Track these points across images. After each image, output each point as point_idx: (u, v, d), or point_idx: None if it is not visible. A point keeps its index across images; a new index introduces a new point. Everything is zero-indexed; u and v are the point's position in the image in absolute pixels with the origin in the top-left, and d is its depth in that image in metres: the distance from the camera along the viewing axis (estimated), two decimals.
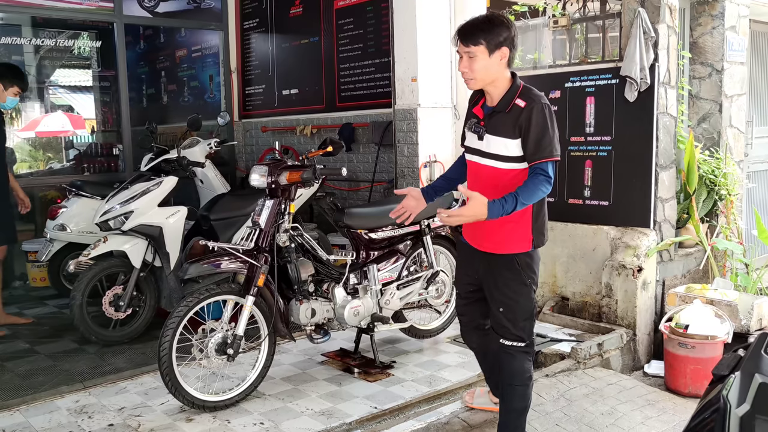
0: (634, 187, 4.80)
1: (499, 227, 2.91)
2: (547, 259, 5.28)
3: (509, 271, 2.97)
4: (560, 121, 5.10)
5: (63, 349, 4.62)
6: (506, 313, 3.01)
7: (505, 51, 2.83)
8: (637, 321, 4.69)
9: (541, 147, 2.80)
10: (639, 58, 4.58)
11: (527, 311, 3.02)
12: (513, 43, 2.85)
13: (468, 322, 3.35)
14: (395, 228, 4.20)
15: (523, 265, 2.97)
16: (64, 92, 10.80)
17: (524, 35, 5.70)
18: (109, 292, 4.62)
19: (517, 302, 3.00)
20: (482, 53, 2.82)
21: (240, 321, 3.55)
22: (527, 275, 2.99)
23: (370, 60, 6.40)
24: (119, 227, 4.59)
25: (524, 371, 3.06)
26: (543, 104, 2.84)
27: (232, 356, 3.54)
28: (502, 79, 2.89)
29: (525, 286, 2.99)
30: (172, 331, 3.40)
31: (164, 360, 3.40)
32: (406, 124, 5.39)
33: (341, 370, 4.18)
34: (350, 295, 4.01)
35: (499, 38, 2.81)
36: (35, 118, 9.85)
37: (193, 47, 8.65)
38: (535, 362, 4.46)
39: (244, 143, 8.07)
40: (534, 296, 3.05)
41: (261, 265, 3.58)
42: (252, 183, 3.76)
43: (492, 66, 2.84)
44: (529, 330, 3.04)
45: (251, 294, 3.56)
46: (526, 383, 3.07)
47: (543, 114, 2.82)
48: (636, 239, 4.78)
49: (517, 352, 3.04)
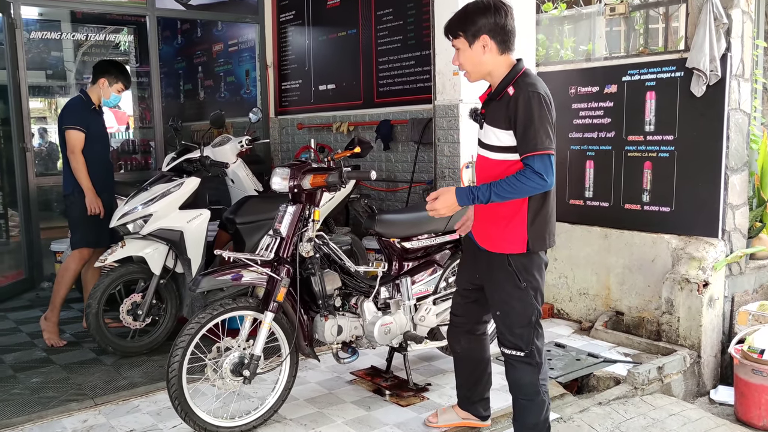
0: (700, 192, 4.32)
1: (494, 224, 2.83)
2: (601, 269, 4.83)
3: (503, 272, 2.84)
4: (616, 118, 4.70)
5: (79, 360, 4.37)
6: (502, 318, 2.90)
7: (485, 39, 2.70)
8: (702, 341, 4.20)
9: (526, 139, 2.65)
10: (708, 48, 4.10)
11: (524, 317, 2.85)
12: (495, 28, 2.69)
13: (460, 323, 3.19)
14: (432, 236, 3.81)
15: (518, 267, 2.81)
16: None
17: (576, 24, 5.24)
18: (128, 300, 4.34)
19: (512, 307, 2.86)
20: (463, 45, 2.75)
21: (258, 339, 3.22)
22: (523, 278, 2.81)
23: (410, 53, 6.02)
24: (138, 231, 4.31)
25: (528, 384, 2.90)
26: (530, 93, 2.65)
27: (248, 378, 3.21)
28: (498, 67, 2.75)
29: (519, 289, 2.82)
30: (182, 350, 3.10)
31: (173, 382, 3.10)
32: (446, 121, 5.00)
33: (371, 391, 3.81)
34: (381, 310, 3.64)
35: (475, 27, 2.70)
36: None
37: (230, 41, 8.43)
38: (587, 386, 4.07)
39: (280, 141, 7.79)
40: (534, 302, 2.84)
41: (281, 277, 3.24)
42: (273, 187, 3.41)
43: (476, 56, 2.74)
44: (528, 338, 2.86)
45: (270, 309, 3.23)
46: (532, 398, 2.91)
47: (529, 103, 2.64)
48: (702, 250, 4.29)
49: (516, 362, 2.90)
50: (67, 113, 4.64)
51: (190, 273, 4.43)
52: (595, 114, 4.86)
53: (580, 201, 4.97)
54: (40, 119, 9.07)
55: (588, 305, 4.96)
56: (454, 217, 3.83)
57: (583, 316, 4.99)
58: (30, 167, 6.25)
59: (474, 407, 3.31)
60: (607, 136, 4.79)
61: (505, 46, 2.73)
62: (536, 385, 2.89)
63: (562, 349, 4.41)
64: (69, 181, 4.65)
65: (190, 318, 3.20)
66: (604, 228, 4.83)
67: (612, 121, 4.76)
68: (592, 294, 4.93)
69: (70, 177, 4.63)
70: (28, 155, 6.22)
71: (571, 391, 3.96)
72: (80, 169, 4.54)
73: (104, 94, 4.73)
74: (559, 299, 5.14)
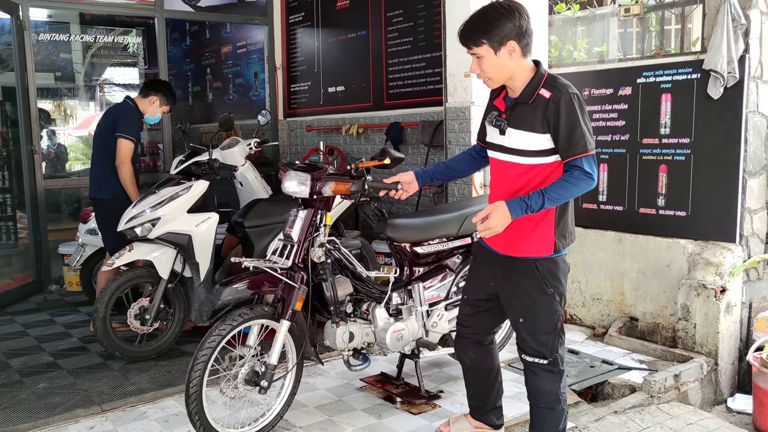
0: (717, 196, 4.24)
1: (519, 228, 2.71)
2: (614, 274, 4.75)
3: (529, 278, 2.75)
4: (631, 121, 4.62)
5: (86, 365, 4.32)
6: (526, 325, 2.80)
7: (512, 45, 2.59)
8: (719, 348, 4.12)
9: (572, 142, 2.56)
10: (726, 50, 4.02)
11: (550, 324, 2.77)
12: (521, 32, 2.59)
13: (469, 335, 3.09)
14: (443, 241, 3.74)
15: (545, 272, 2.74)
16: (114, 90, 10.68)
17: (590, 26, 5.17)
18: (135, 305, 4.29)
19: (537, 312, 2.76)
20: (487, 52, 2.61)
21: (273, 348, 3.11)
22: (550, 283, 2.74)
23: (420, 54, 5.96)
24: (146, 235, 4.26)
25: (549, 392, 2.82)
26: (571, 94, 2.57)
27: (265, 388, 3.12)
28: (521, 70, 2.65)
29: (546, 295, 2.75)
30: (204, 364, 2.97)
31: (194, 398, 2.97)
32: (458, 123, 4.93)
33: (382, 398, 3.75)
34: (393, 316, 3.57)
35: (501, 33, 2.58)
36: (89, 117, 9.77)
37: (238, 43, 8.40)
38: (601, 393, 3.99)
39: (289, 143, 7.74)
40: (559, 308, 2.77)
41: (299, 285, 3.16)
42: (287, 191, 3.28)
43: (501, 63, 2.62)
44: (552, 345, 2.78)
45: (287, 318, 3.13)
46: (552, 406, 2.83)
47: (572, 105, 2.55)
48: (719, 255, 4.21)
49: (539, 369, 2.82)
50: (125, 121, 4.70)
51: (199, 277, 4.38)
52: (609, 116, 4.78)
53: (594, 205, 4.89)
54: (48, 121, 9.04)
55: (601, 311, 4.88)
56: (466, 222, 3.77)
57: (596, 322, 4.90)
58: (38, 169, 6.22)
59: (487, 416, 3.23)
60: (622, 138, 4.72)
61: (528, 50, 2.65)
62: (557, 394, 2.82)
63: (575, 356, 4.33)
64: (107, 186, 4.68)
65: (211, 330, 3.06)
66: (618, 232, 4.75)
67: (626, 124, 4.68)
68: (605, 299, 4.85)
69: (109, 182, 4.67)
70: (36, 157, 6.20)
71: (585, 399, 3.88)
72: (130, 179, 4.63)
73: (151, 112, 4.84)
74: (572, 304, 5.06)
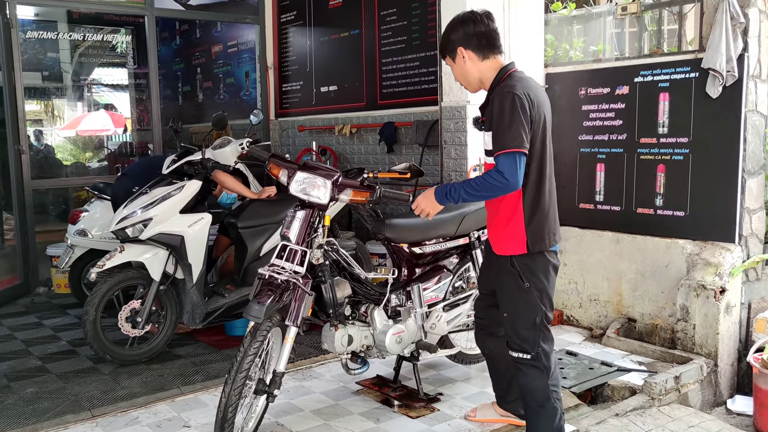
0: (716, 196, 4.20)
1: (497, 225, 2.86)
2: (612, 275, 4.71)
3: (507, 274, 2.85)
4: (628, 120, 4.58)
5: (76, 368, 4.22)
6: (509, 319, 2.90)
7: (461, 51, 2.80)
8: (719, 349, 4.08)
9: (496, 139, 2.67)
10: (725, 48, 3.99)
11: (529, 320, 2.84)
12: (466, 37, 2.78)
13: (484, 326, 3.23)
14: (440, 241, 3.68)
15: (521, 268, 2.81)
16: (102, 90, 10.60)
17: (587, 25, 5.12)
18: (126, 307, 4.20)
19: (515, 308, 2.86)
20: (450, 63, 2.89)
21: (282, 355, 2.98)
22: (526, 278, 2.81)
23: (414, 54, 5.90)
24: (137, 236, 4.17)
25: (537, 388, 2.86)
26: (504, 93, 2.66)
27: (275, 396, 3.01)
28: (485, 72, 2.82)
29: (523, 291, 2.82)
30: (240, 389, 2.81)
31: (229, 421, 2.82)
32: (453, 123, 4.87)
33: (379, 401, 3.68)
34: (391, 318, 3.50)
35: (450, 43, 2.83)
36: (77, 117, 9.68)
37: (229, 42, 8.31)
38: (600, 396, 3.94)
39: (281, 143, 7.65)
40: (538, 303, 2.83)
41: (308, 291, 3.03)
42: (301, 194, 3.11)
43: (460, 68, 2.85)
44: (533, 341, 2.85)
45: (296, 324, 2.98)
46: (542, 404, 2.87)
47: (503, 103, 2.65)
48: (718, 255, 4.17)
49: (524, 365, 2.88)
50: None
51: (191, 279, 4.30)
52: (606, 116, 4.74)
53: (591, 205, 4.84)
54: (35, 121, 8.93)
55: (599, 312, 4.84)
56: (464, 222, 3.71)
57: (593, 323, 4.86)
58: (25, 169, 6.11)
59: (511, 406, 3.30)
60: (619, 138, 4.67)
61: (482, 52, 2.79)
62: (546, 390, 2.85)
63: (574, 358, 4.28)
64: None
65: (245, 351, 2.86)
66: (615, 233, 4.70)
67: (624, 123, 4.64)
68: (603, 300, 4.80)
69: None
70: (24, 157, 6.09)
71: (585, 402, 3.83)
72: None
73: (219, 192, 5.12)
74: (569, 305, 5.01)
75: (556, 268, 2.90)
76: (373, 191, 3.16)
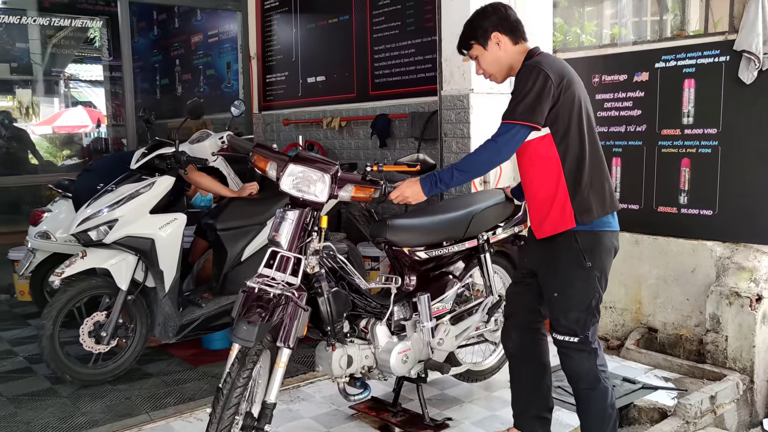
0: (750, 193, 3.80)
1: (541, 209, 2.71)
2: (630, 280, 4.29)
3: (566, 251, 2.67)
4: (649, 110, 4.18)
5: (31, 390, 3.73)
6: (559, 300, 2.71)
7: (496, 35, 2.73)
8: (755, 364, 3.67)
9: (507, 107, 2.62)
10: (762, 28, 3.60)
11: (583, 301, 2.67)
12: (501, 22, 2.73)
13: (513, 313, 2.97)
14: (445, 245, 3.22)
15: (584, 245, 2.64)
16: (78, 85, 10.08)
17: (599, 6, 4.70)
18: (89, 320, 3.71)
19: (571, 285, 2.67)
20: (479, 50, 2.78)
21: (273, 384, 2.49)
22: (588, 257, 2.64)
23: (409, 40, 5.45)
24: (102, 239, 3.69)
25: (587, 372, 2.71)
26: (530, 67, 2.61)
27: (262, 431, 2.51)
28: (516, 57, 2.75)
29: (582, 269, 2.64)
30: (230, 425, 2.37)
31: None
32: (455, 113, 4.43)
33: (377, 428, 3.22)
34: (394, 334, 3.04)
35: (482, 29, 2.75)
36: (54, 114, 9.19)
37: (210, 32, 7.84)
38: (626, 417, 3.51)
39: (264, 138, 7.17)
40: (597, 286, 2.66)
41: (304, 306, 2.53)
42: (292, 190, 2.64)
43: (493, 55, 2.76)
44: (584, 323, 2.69)
45: (288, 346, 2.49)
46: (593, 386, 2.71)
47: (523, 76, 2.61)
48: (752, 259, 3.76)
49: (570, 350, 2.71)
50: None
51: (163, 288, 3.82)
52: (623, 105, 4.32)
53: None
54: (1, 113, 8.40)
55: (615, 320, 4.41)
56: (473, 222, 3.28)
57: (609, 333, 4.43)
58: None
59: (531, 424, 2.89)
60: (638, 130, 4.26)
61: (515, 36, 2.74)
62: (595, 372, 2.69)
63: None
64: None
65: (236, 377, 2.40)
66: (633, 233, 4.29)
67: (643, 114, 4.23)
68: (619, 308, 4.38)
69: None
70: None
71: None
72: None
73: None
74: None
75: (617, 251, 2.77)
76: (377, 187, 2.71)
